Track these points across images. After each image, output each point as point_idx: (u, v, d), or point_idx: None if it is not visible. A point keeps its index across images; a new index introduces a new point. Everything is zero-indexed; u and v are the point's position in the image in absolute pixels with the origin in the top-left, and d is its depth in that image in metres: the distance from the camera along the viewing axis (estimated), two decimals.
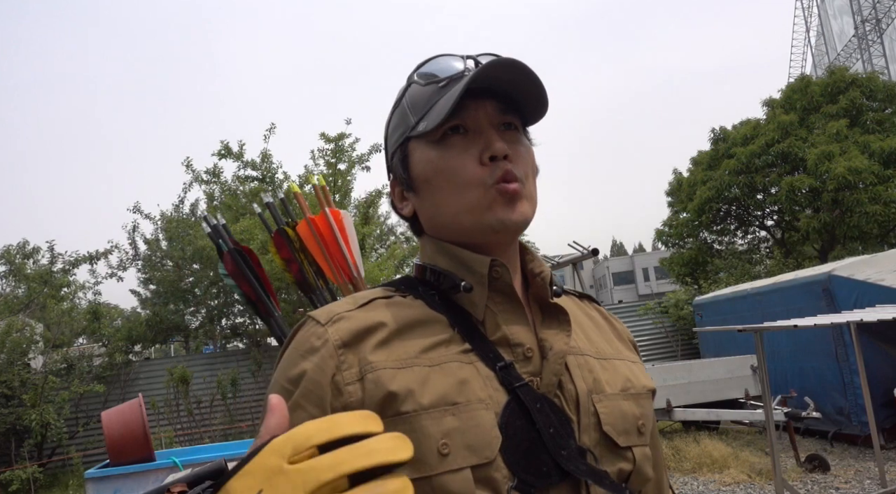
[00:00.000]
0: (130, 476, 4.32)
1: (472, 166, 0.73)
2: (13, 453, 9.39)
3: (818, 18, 34.80)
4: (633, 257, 47.14)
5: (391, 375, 0.66)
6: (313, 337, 0.70)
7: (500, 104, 0.75)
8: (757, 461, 6.10)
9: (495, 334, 0.72)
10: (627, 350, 0.86)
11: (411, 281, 0.80)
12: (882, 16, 28.45)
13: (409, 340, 0.70)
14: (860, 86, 14.02)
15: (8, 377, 9.46)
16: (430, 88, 0.76)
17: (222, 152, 11.91)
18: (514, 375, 0.69)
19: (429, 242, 0.81)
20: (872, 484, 5.10)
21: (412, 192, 0.80)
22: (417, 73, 0.78)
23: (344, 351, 0.68)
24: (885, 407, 5.93)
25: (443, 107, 0.72)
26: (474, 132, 0.75)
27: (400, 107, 0.80)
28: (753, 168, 13.89)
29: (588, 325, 0.84)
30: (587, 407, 0.72)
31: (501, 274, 0.74)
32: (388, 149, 0.84)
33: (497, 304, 0.74)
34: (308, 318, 0.74)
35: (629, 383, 0.78)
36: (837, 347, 6.39)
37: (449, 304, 0.75)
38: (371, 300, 0.75)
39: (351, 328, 0.70)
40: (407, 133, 0.78)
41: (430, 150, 0.76)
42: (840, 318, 4.38)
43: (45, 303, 11.25)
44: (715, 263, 15.61)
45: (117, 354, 11.12)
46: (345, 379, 0.67)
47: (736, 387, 7.06)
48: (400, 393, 0.65)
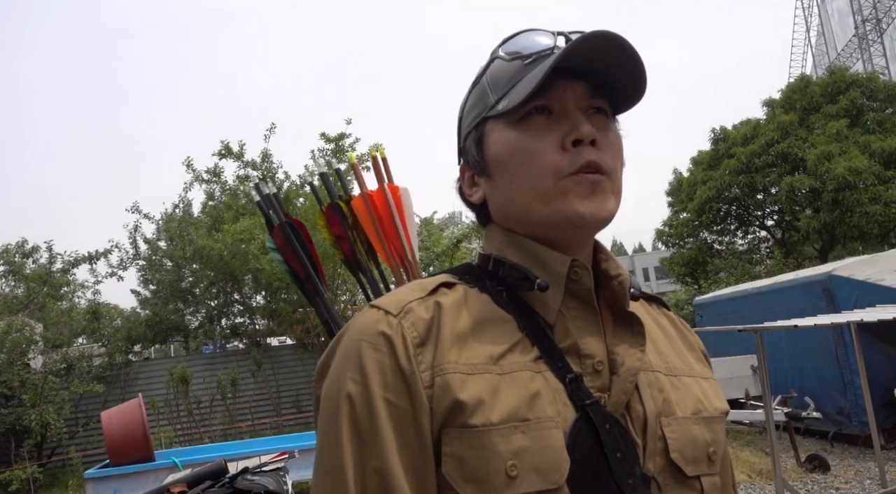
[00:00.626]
0: (130, 476, 4.32)
1: (553, 150, 0.66)
2: (13, 453, 9.39)
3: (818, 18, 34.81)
4: (633, 257, 47.15)
5: (461, 381, 0.61)
6: (388, 329, 0.63)
7: (590, 86, 0.68)
8: (757, 461, 6.10)
9: (565, 341, 0.66)
10: (699, 363, 0.79)
11: (475, 271, 0.73)
12: (882, 15, 28.45)
13: (479, 341, 0.64)
14: (860, 87, 14.03)
15: (8, 377, 9.46)
16: (514, 65, 0.69)
17: (223, 152, 11.92)
18: (584, 390, 0.64)
19: (498, 232, 0.74)
20: (873, 484, 5.09)
21: (484, 177, 0.73)
22: (502, 47, 0.72)
23: (421, 350, 0.62)
24: (885, 407, 5.93)
25: (528, 83, 0.65)
26: (559, 114, 0.68)
27: (479, 85, 0.74)
28: (753, 168, 13.90)
29: (658, 335, 0.77)
30: (655, 430, 0.66)
31: (581, 276, 0.68)
32: (461, 131, 0.78)
33: (570, 309, 0.68)
34: (371, 308, 0.67)
35: (701, 405, 0.71)
36: (837, 347, 6.38)
37: (516, 302, 0.69)
38: (438, 286, 0.69)
39: (425, 320, 0.64)
40: (485, 112, 0.71)
41: (508, 131, 0.69)
42: (840, 318, 4.38)
43: (45, 303, 11.25)
44: (715, 263, 15.61)
45: (117, 354, 11.13)
46: (423, 382, 0.61)
47: (736, 387, 7.06)
48: (469, 404, 0.59)
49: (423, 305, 0.66)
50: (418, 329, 0.63)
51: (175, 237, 13.05)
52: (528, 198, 0.68)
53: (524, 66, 0.68)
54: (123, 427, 4.61)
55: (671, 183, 16.73)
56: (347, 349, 0.64)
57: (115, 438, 4.56)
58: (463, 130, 0.77)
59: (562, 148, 0.66)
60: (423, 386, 0.60)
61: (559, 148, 0.66)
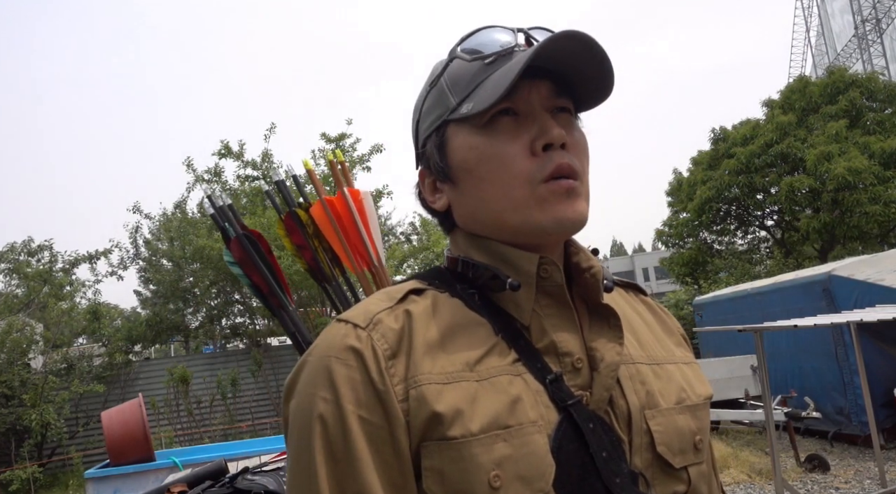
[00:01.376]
0: (130, 475, 4.32)
1: (523, 155, 0.64)
2: (13, 453, 9.39)
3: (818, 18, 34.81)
4: (633, 257, 47.19)
5: (437, 392, 0.58)
6: (357, 342, 0.60)
7: (554, 85, 0.66)
8: (757, 461, 6.10)
9: (542, 341, 0.64)
10: (679, 348, 0.78)
11: (445, 275, 0.70)
12: (882, 16, 28.44)
13: (454, 347, 0.62)
14: (860, 87, 14.03)
15: (8, 377, 9.47)
16: (475, 65, 0.66)
17: (223, 152, 11.93)
18: (566, 390, 0.62)
19: (463, 236, 0.71)
20: (872, 484, 5.10)
21: (449, 183, 0.70)
22: (461, 47, 0.68)
23: (393, 363, 0.60)
24: (884, 407, 5.93)
25: (495, 86, 0.62)
26: (526, 116, 0.65)
27: (437, 85, 0.70)
28: (753, 168, 13.90)
29: (637, 323, 0.76)
30: (640, 425, 0.64)
31: (551, 273, 0.66)
32: (418, 135, 0.74)
33: (544, 307, 0.66)
34: (338, 322, 0.64)
35: (684, 393, 0.70)
36: (837, 347, 6.39)
37: (489, 305, 0.66)
38: (406, 294, 0.66)
39: (396, 330, 0.62)
40: (446, 115, 0.68)
41: (473, 136, 0.66)
42: (840, 318, 4.38)
43: (46, 303, 11.26)
44: (715, 263, 15.61)
45: (117, 354, 11.14)
46: (397, 396, 0.58)
47: (736, 387, 7.06)
48: (447, 415, 0.57)
49: (392, 315, 0.63)
50: (388, 340, 0.60)
51: (175, 237, 13.06)
52: (499, 206, 0.65)
53: (485, 66, 0.66)
54: (123, 427, 4.62)
55: (671, 183, 16.73)
56: (316, 366, 0.61)
57: (115, 438, 4.56)
58: (421, 133, 0.73)
59: (531, 152, 0.64)
60: (398, 400, 0.58)
61: (529, 152, 0.64)
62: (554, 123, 0.64)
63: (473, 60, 0.66)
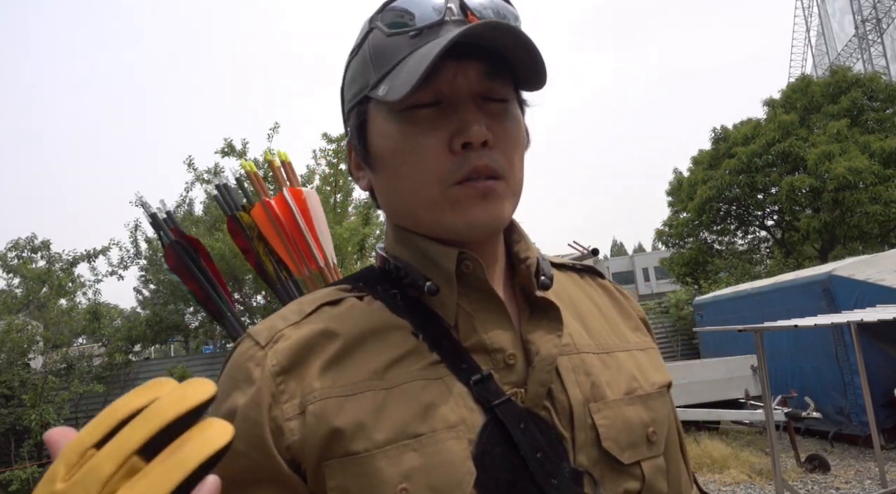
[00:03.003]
0: None
1: (439, 151, 0.58)
2: (13, 453, 9.40)
3: (818, 18, 34.81)
4: (633, 257, 47.17)
5: (337, 405, 0.54)
6: (251, 363, 0.58)
7: (486, 66, 0.58)
8: (757, 461, 6.10)
9: (470, 339, 0.60)
10: (636, 332, 0.73)
11: (372, 276, 0.67)
12: (882, 15, 28.45)
13: (363, 357, 0.58)
14: (862, 87, 14.03)
15: (7, 377, 9.47)
16: (398, 39, 0.58)
17: (225, 150, 11.93)
18: (493, 390, 0.57)
19: (392, 229, 0.67)
20: (873, 484, 5.09)
21: (368, 168, 0.65)
22: (382, 15, 0.60)
23: (283, 379, 0.56)
24: (885, 407, 5.93)
25: (412, 71, 0.54)
26: (449, 104, 0.58)
27: (361, 53, 0.62)
28: (754, 168, 13.91)
29: (589, 309, 0.71)
30: (583, 419, 0.60)
31: (473, 269, 0.60)
32: (343, 102, 0.68)
33: (472, 303, 0.61)
34: (247, 336, 0.61)
35: (635, 382, 0.65)
36: (838, 347, 6.39)
37: (414, 305, 0.62)
38: (319, 306, 0.62)
39: (292, 348, 0.58)
40: (366, 91, 0.61)
41: (390, 123, 0.60)
42: (840, 318, 4.37)
43: (46, 303, 11.27)
44: (715, 263, 15.62)
45: (117, 354, 11.14)
46: (284, 413, 0.55)
47: (736, 387, 7.06)
48: (347, 429, 0.53)
49: (297, 331, 0.59)
50: (281, 358, 0.57)
51: None
52: (411, 202, 0.61)
53: (409, 40, 0.58)
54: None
55: (671, 182, 16.74)
56: (221, 389, 0.58)
57: None
58: (346, 103, 0.67)
59: (450, 150, 0.58)
60: (286, 419, 0.54)
61: (447, 148, 0.58)
62: (477, 118, 0.57)
63: (392, 35, 0.58)
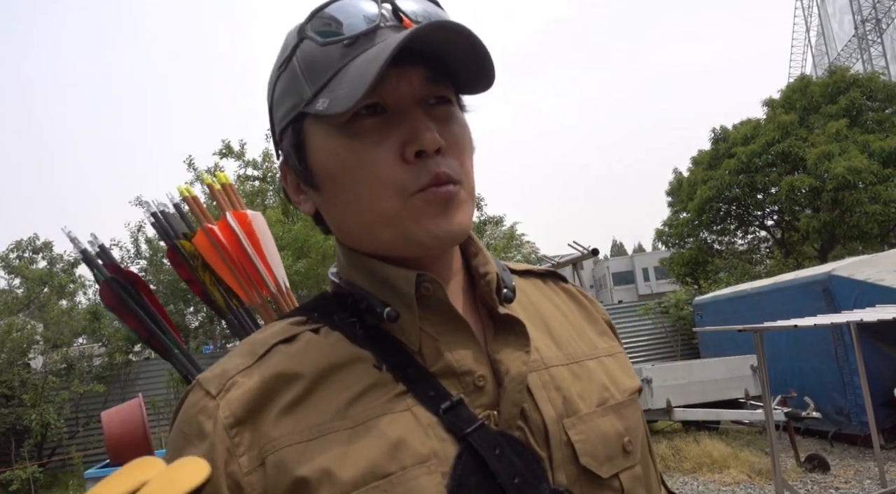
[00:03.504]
0: None
1: (391, 162, 0.55)
2: (13, 453, 9.40)
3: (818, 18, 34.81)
4: (633, 257, 47.17)
5: (298, 453, 0.51)
6: (202, 415, 0.53)
7: (427, 71, 0.56)
8: (757, 461, 6.10)
9: (437, 364, 0.57)
10: (602, 337, 0.71)
11: (326, 304, 0.62)
12: (882, 16, 28.45)
13: (324, 396, 0.54)
14: (860, 87, 14.04)
15: (8, 377, 9.47)
16: (332, 48, 0.55)
17: (224, 151, 11.93)
18: (464, 416, 0.54)
19: (345, 253, 0.62)
20: (872, 484, 5.10)
21: (312, 189, 0.60)
22: (311, 23, 0.56)
23: (238, 431, 0.52)
24: (884, 407, 5.93)
25: (356, 80, 0.52)
26: (395, 112, 0.55)
27: (290, 67, 0.58)
28: (754, 168, 13.91)
29: (555, 317, 0.69)
30: (558, 437, 0.58)
31: (433, 291, 0.57)
32: (273, 122, 0.62)
33: (434, 325, 0.58)
34: (196, 385, 0.57)
35: (607, 391, 0.64)
36: (837, 347, 6.39)
37: (374, 333, 0.58)
38: (272, 346, 0.57)
39: (246, 396, 0.53)
40: (301, 107, 0.57)
41: (333, 138, 0.56)
42: (840, 318, 4.38)
43: (46, 303, 11.27)
44: (715, 263, 15.62)
45: (117, 354, 11.14)
46: (242, 468, 0.51)
47: (736, 387, 7.07)
48: (312, 479, 0.49)
49: (250, 378, 0.55)
50: (233, 407, 0.53)
51: None
52: (368, 219, 0.57)
53: (343, 48, 0.55)
54: (123, 427, 4.61)
55: (671, 182, 16.74)
56: (173, 446, 0.55)
57: (115, 438, 4.55)
58: (276, 123, 0.62)
59: (402, 158, 0.55)
60: (245, 473, 0.50)
61: (399, 158, 0.55)
62: (427, 125, 0.55)
63: (326, 44, 0.55)
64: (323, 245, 10.12)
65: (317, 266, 10.14)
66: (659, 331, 12.02)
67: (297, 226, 10.36)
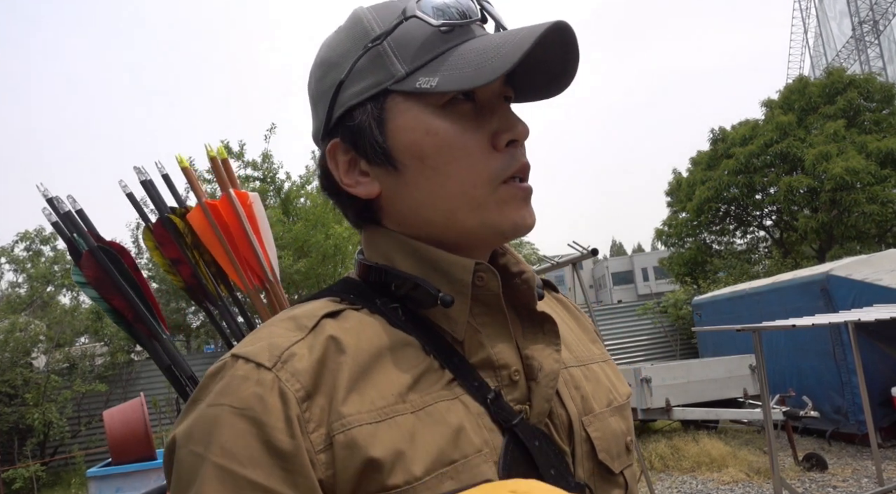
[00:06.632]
0: (132, 474, 4.34)
1: (484, 149, 0.56)
2: (16, 451, 9.43)
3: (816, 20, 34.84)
4: (633, 257, 47.11)
5: (370, 433, 0.49)
6: (260, 388, 0.49)
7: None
8: (755, 460, 6.13)
9: (477, 355, 0.57)
10: (595, 345, 0.74)
11: (361, 288, 0.61)
12: (879, 17, 28.48)
13: (384, 376, 0.53)
14: (858, 87, 14.08)
15: (11, 376, 9.50)
16: (429, 31, 0.56)
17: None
18: (508, 409, 0.55)
19: (385, 236, 0.61)
20: (870, 483, 5.13)
21: (388, 167, 0.58)
22: (422, 4, 0.56)
23: (308, 405, 0.49)
24: (882, 406, 5.97)
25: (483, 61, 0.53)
26: (483, 104, 0.57)
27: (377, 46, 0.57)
28: (752, 168, 13.94)
29: (560, 322, 0.69)
30: (580, 433, 0.60)
31: (487, 281, 0.57)
32: (336, 96, 0.59)
33: (478, 317, 0.58)
34: (234, 359, 0.52)
35: (612, 394, 0.67)
36: (835, 347, 6.43)
37: (415, 320, 0.58)
38: (320, 319, 0.55)
39: (312, 365, 0.51)
40: (388, 83, 0.56)
41: (431, 117, 0.56)
42: (838, 318, 4.42)
43: (49, 302, 11.30)
44: (714, 263, 15.65)
45: (119, 353, 11.15)
46: (314, 445, 0.48)
47: (734, 387, 7.10)
48: (385, 461, 0.48)
49: (306, 346, 0.52)
50: (302, 379, 0.50)
51: None
52: (455, 204, 0.56)
53: (441, 35, 0.56)
54: (125, 426, 4.63)
55: (670, 183, 16.76)
56: (205, 421, 0.49)
57: (117, 437, 4.58)
58: (344, 98, 0.59)
59: (493, 147, 0.57)
60: (315, 451, 0.48)
61: (490, 146, 0.56)
62: (517, 116, 0.58)
63: (441, 26, 0.55)
64: (323, 245, 10.13)
65: (317, 266, 10.15)
66: (658, 331, 12.05)
67: (298, 226, 10.37)
